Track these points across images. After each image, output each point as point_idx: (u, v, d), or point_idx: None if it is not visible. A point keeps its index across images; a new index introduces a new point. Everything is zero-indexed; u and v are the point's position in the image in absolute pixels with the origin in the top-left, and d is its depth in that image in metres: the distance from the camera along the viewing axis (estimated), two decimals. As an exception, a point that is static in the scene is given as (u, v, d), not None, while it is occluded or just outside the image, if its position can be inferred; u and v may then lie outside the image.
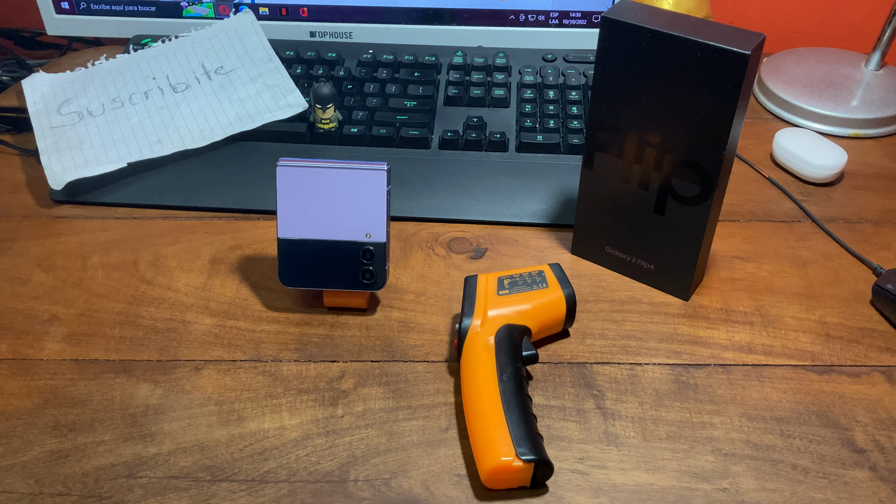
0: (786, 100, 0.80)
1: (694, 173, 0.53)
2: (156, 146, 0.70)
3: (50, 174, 0.67)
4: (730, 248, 0.64)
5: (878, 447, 0.49)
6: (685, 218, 0.56)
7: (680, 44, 0.50)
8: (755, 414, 0.51)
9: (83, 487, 0.46)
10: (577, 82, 0.77)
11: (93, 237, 0.64)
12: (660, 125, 0.53)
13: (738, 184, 0.71)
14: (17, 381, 0.53)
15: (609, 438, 0.49)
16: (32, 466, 0.47)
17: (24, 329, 0.56)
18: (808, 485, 0.47)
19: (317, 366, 0.54)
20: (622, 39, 0.52)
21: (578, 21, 0.82)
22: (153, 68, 0.77)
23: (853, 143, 0.77)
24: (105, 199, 0.68)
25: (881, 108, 0.78)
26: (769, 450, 0.49)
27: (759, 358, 0.55)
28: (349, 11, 0.83)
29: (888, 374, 0.54)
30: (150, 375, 0.53)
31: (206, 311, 0.58)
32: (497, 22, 0.83)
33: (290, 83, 0.74)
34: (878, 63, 0.82)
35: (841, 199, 0.70)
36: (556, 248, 0.64)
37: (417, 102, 0.75)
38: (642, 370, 0.54)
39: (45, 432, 0.49)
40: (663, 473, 0.47)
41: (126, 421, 0.50)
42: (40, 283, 0.60)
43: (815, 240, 0.65)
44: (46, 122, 0.72)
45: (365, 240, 0.55)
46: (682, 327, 0.57)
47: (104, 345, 0.55)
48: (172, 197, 0.68)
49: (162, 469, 0.47)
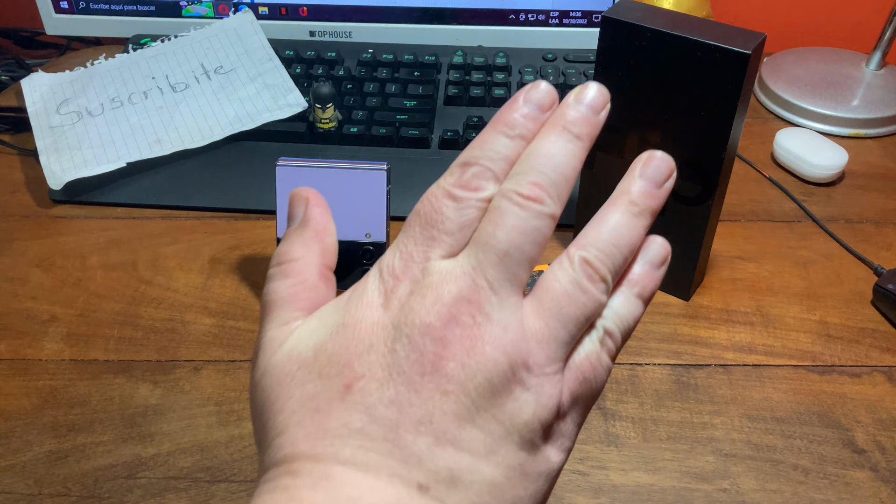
0: (786, 99, 0.79)
1: (694, 173, 0.53)
2: (155, 146, 0.70)
3: (49, 174, 0.67)
4: (730, 248, 0.64)
5: (878, 447, 0.49)
6: (686, 218, 0.56)
7: (680, 43, 0.50)
8: (756, 414, 0.51)
9: (82, 488, 0.46)
10: (578, 82, 0.77)
11: (92, 237, 0.64)
12: (660, 125, 0.53)
13: (739, 183, 0.71)
14: (16, 382, 0.52)
15: (609, 439, 0.49)
16: (31, 467, 0.47)
17: (23, 329, 0.56)
18: (808, 485, 0.47)
19: (316, 366, 0.54)
20: (622, 39, 0.52)
21: (579, 20, 0.82)
22: (152, 68, 0.77)
23: (854, 142, 0.77)
24: (104, 198, 0.68)
25: (882, 107, 0.78)
26: (770, 450, 0.49)
27: (759, 358, 0.55)
28: (349, 11, 0.83)
29: (889, 374, 0.54)
30: (150, 376, 0.53)
31: (206, 311, 0.58)
32: (497, 21, 0.83)
33: (289, 83, 0.74)
34: (878, 63, 0.82)
35: (842, 199, 0.69)
36: (557, 248, 0.64)
37: (417, 102, 0.74)
38: (643, 370, 0.54)
39: (44, 433, 0.49)
40: (664, 474, 0.47)
41: (125, 421, 0.50)
42: (39, 283, 0.60)
43: (815, 240, 0.65)
44: (45, 122, 0.72)
45: (365, 240, 0.55)
46: (683, 327, 0.57)
47: (103, 345, 0.55)
48: (172, 197, 0.68)
49: (161, 470, 0.47)
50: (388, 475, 0.25)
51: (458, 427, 0.26)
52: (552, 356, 0.27)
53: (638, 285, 0.30)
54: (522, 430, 0.27)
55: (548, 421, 0.27)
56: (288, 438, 0.26)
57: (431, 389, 0.26)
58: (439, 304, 0.26)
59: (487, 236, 0.27)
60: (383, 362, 0.26)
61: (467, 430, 0.26)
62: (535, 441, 0.27)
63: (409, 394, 0.26)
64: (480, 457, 0.26)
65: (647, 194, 0.30)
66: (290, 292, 0.30)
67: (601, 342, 0.29)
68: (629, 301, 0.30)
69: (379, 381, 0.26)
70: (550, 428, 0.28)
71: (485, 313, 0.27)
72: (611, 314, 0.29)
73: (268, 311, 0.30)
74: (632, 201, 0.30)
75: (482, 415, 0.26)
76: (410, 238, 0.28)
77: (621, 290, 0.30)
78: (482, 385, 0.26)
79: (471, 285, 0.27)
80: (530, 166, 0.28)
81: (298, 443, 0.26)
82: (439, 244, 0.28)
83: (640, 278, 0.30)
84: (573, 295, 0.28)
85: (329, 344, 0.27)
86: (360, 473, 0.25)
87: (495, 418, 0.26)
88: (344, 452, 0.25)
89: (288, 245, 0.31)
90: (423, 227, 0.28)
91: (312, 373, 0.27)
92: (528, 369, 0.27)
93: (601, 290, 0.29)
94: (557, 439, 0.28)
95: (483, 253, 0.27)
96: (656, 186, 0.30)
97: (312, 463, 0.25)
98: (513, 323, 0.27)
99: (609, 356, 0.30)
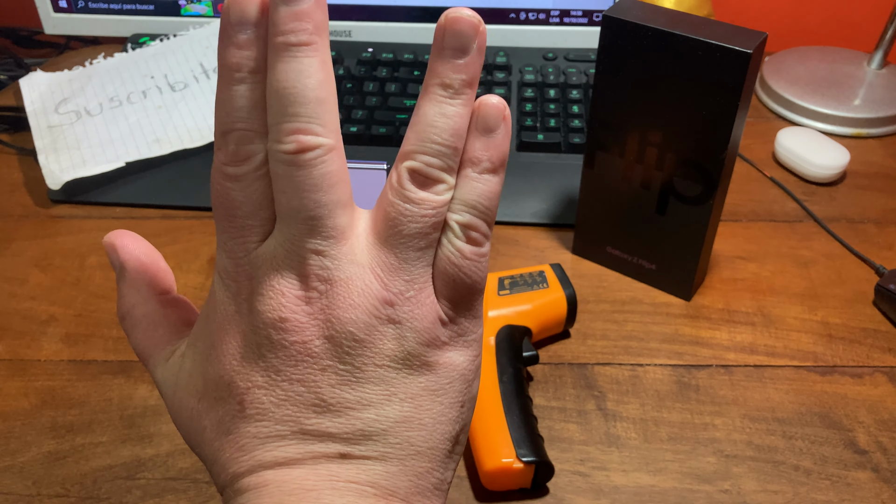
0: (788, 99, 0.79)
1: (696, 173, 0.53)
2: (154, 146, 0.69)
3: (48, 174, 0.67)
4: (732, 248, 0.64)
5: (880, 448, 0.49)
6: (687, 218, 0.55)
7: (681, 42, 0.49)
8: (757, 415, 0.51)
9: (81, 489, 0.46)
10: (579, 81, 0.77)
11: (91, 237, 0.64)
12: (661, 124, 0.53)
13: (740, 183, 0.71)
14: (15, 382, 0.52)
15: (610, 440, 0.49)
16: (30, 468, 0.47)
17: (22, 329, 0.56)
18: (810, 486, 0.47)
19: (316, 366, 0.53)
20: (623, 38, 0.51)
21: (579, 19, 0.82)
22: (151, 67, 0.77)
23: (856, 142, 0.77)
24: (103, 198, 0.67)
25: (884, 107, 0.78)
26: (771, 451, 0.49)
27: (760, 359, 0.55)
28: (348, 10, 0.82)
29: (890, 374, 0.54)
30: (149, 376, 0.53)
31: (205, 311, 0.58)
32: (497, 20, 0.82)
33: (289, 82, 0.74)
34: (880, 62, 0.82)
35: (843, 199, 0.69)
36: (557, 248, 0.63)
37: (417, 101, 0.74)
38: (644, 371, 0.54)
39: (42, 433, 0.49)
40: (665, 475, 0.47)
41: (124, 422, 0.50)
42: (38, 283, 0.60)
43: (817, 240, 0.65)
44: (44, 122, 0.72)
45: (364, 240, 0.54)
46: (684, 328, 0.57)
47: (102, 345, 0.55)
48: (171, 197, 0.67)
49: (160, 470, 0.47)
50: (311, 459, 0.27)
51: (349, 392, 0.27)
52: (409, 279, 0.27)
53: (480, 162, 0.28)
54: (409, 360, 0.28)
55: (432, 336, 0.28)
56: (219, 465, 0.28)
57: (309, 373, 0.27)
58: (279, 295, 0.27)
59: (286, 209, 0.27)
60: (258, 369, 0.27)
61: (357, 390, 0.27)
62: (427, 359, 0.28)
63: (293, 385, 0.27)
64: (381, 404, 0.27)
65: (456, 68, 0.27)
66: (148, 336, 0.31)
67: (458, 236, 0.28)
68: (475, 181, 0.28)
69: (264, 388, 0.27)
70: (438, 340, 0.28)
71: (323, 279, 0.27)
72: (458, 205, 0.28)
73: (145, 359, 0.31)
74: (442, 83, 0.27)
75: (364, 370, 0.27)
76: (224, 233, 0.28)
77: (464, 174, 0.28)
78: (351, 345, 0.27)
79: (299, 261, 0.27)
80: (277, 110, 0.26)
81: (228, 466, 0.28)
82: (249, 231, 0.27)
83: (479, 154, 0.28)
84: (408, 211, 0.27)
85: (210, 368, 0.28)
86: (289, 468, 0.27)
87: (377, 365, 0.27)
88: (266, 458, 0.27)
89: (120, 299, 0.32)
90: (227, 219, 0.28)
91: (210, 400, 0.28)
92: (391, 304, 0.27)
93: (437, 192, 0.28)
94: (453, 343, 0.29)
95: (292, 226, 0.27)
96: (463, 54, 0.27)
97: (248, 478, 0.27)
98: (354, 272, 0.27)
99: (474, 244, 0.28)
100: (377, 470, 0.27)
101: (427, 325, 0.28)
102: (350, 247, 0.27)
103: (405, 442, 0.27)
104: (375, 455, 0.27)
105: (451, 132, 0.27)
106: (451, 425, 0.29)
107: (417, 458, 0.28)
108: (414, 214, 0.27)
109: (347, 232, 0.27)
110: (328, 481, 0.26)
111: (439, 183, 0.28)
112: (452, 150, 0.28)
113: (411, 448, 0.27)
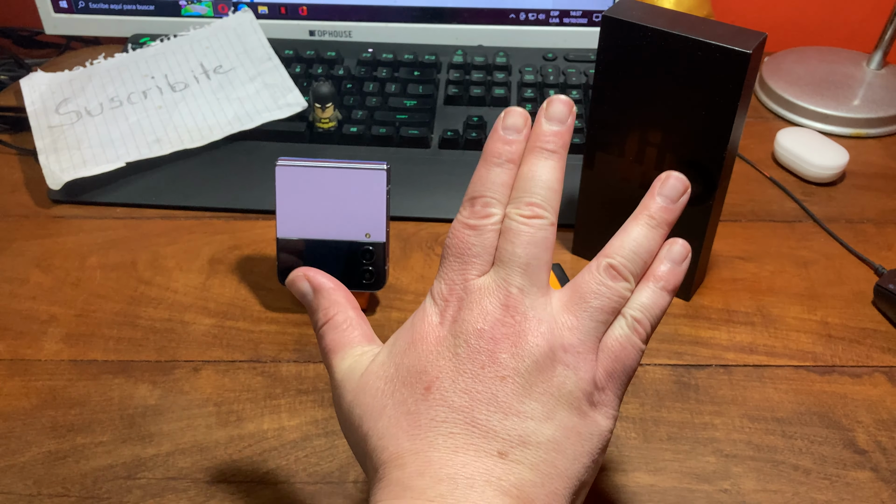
0: (787, 99, 0.79)
1: (695, 173, 0.53)
2: (154, 146, 0.69)
3: (48, 174, 0.67)
4: (731, 248, 0.64)
5: (879, 448, 0.49)
6: (686, 218, 0.55)
7: (681, 43, 0.49)
8: (756, 415, 0.51)
9: (81, 488, 0.46)
10: (578, 81, 0.77)
11: (91, 237, 0.64)
12: (661, 124, 0.53)
13: (740, 183, 0.71)
14: (15, 382, 0.52)
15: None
16: (31, 467, 0.47)
17: (22, 329, 0.56)
18: (809, 486, 0.47)
19: (316, 366, 0.54)
20: (623, 38, 0.52)
21: (579, 20, 0.82)
22: (152, 67, 0.77)
23: (855, 142, 0.77)
24: (103, 198, 0.67)
25: (883, 107, 0.78)
26: (770, 451, 0.49)
27: (760, 358, 0.55)
28: (348, 10, 0.83)
29: (890, 374, 0.54)
30: (149, 376, 0.53)
31: (205, 311, 0.58)
32: (497, 21, 0.82)
33: (289, 82, 0.74)
34: (879, 62, 0.82)
35: (842, 199, 0.69)
36: (557, 248, 0.63)
37: (417, 102, 0.74)
38: (643, 371, 0.54)
39: (43, 433, 0.49)
40: (664, 474, 0.47)
41: (124, 422, 0.50)
42: (38, 283, 0.60)
43: (816, 240, 0.65)
44: (45, 122, 0.72)
45: (364, 240, 0.55)
46: (683, 328, 0.57)
47: (102, 345, 0.55)
48: (171, 197, 0.67)
49: (160, 470, 0.47)
50: (474, 451, 0.32)
51: (518, 401, 0.32)
52: (583, 339, 0.34)
53: (661, 280, 0.36)
54: (569, 398, 0.33)
55: (588, 391, 0.34)
56: (391, 439, 0.33)
57: (492, 377, 0.33)
58: (485, 312, 0.34)
59: (508, 254, 0.35)
60: (450, 364, 0.33)
61: (526, 403, 0.33)
62: (582, 407, 0.33)
63: (475, 383, 0.33)
64: (541, 421, 0.32)
65: (663, 209, 0.37)
66: (345, 336, 0.38)
67: (629, 327, 0.35)
68: (653, 293, 0.36)
69: (450, 379, 0.33)
70: (592, 397, 0.34)
71: (521, 312, 0.34)
72: (636, 304, 0.36)
73: (334, 354, 0.37)
74: (650, 215, 0.37)
75: (535, 389, 0.33)
76: (449, 268, 0.36)
77: (646, 285, 0.36)
78: (531, 366, 0.33)
79: (506, 293, 0.34)
80: (524, 190, 0.36)
81: (401, 441, 0.32)
82: (472, 267, 0.35)
83: (662, 274, 0.37)
84: (597, 291, 0.35)
85: (405, 359, 0.34)
86: (452, 454, 0.31)
87: (546, 391, 0.33)
88: (437, 441, 0.32)
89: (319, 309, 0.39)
90: (456, 257, 0.36)
91: (398, 383, 0.34)
92: (565, 350, 0.33)
93: (623, 286, 0.35)
94: (601, 407, 0.34)
95: (509, 267, 0.35)
96: (672, 202, 0.37)
97: (413, 455, 0.32)
98: (545, 316, 0.34)
99: (639, 338, 0.35)
100: (525, 476, 0.31)
101: (586, 378, 0.34)
102: (546, 300, 0.35)
103: (551, 461, 0.32)
104: (527, 462, 0.32)
105: (646, 250, 0.36)
106: (582, 470, 0.33)
107: (557, 479, 0.32)
108: (602, 294, 0.35)
109: (546, 290, 0.35)
110: (483, 473, 0.31)
111: (625, 280, 0.35)
112: (643, 263, 0.36)
113: (554, 469, 0.32)
